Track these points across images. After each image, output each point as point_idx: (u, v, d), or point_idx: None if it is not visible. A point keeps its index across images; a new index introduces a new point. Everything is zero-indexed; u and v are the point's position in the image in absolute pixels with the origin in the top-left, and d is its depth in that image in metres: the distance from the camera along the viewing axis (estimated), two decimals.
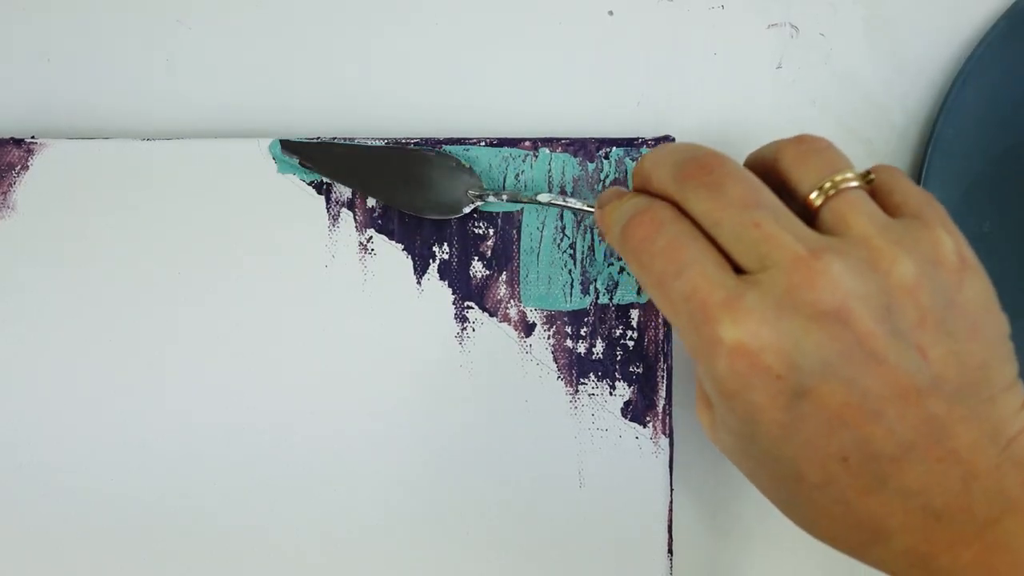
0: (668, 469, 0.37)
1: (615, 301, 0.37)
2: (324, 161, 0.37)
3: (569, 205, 0.35)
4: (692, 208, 0.28)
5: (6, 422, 0.38)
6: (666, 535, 0.37)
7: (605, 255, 0.37)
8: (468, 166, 0.37)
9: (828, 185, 0.28)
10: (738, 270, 0.27)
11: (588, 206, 0.35)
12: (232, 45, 0.41)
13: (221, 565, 0.37)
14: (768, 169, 0.29)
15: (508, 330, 0.37)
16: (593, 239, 0.37)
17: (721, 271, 0.27)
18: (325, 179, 0.37)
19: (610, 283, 0.37)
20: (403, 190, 0.37)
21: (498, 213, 0.38)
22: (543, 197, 0.36)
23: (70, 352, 0.38)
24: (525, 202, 0.36)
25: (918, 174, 0.39)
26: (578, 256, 0.37)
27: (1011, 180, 0.40)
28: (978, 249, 0.37)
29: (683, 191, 0.28)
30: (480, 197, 0.37)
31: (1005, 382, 0.27)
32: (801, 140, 0.29)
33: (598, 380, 0.37)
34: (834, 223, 0.27)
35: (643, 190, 0.30)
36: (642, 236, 0.28)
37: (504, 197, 0.36)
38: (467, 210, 0.37)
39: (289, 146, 0.37)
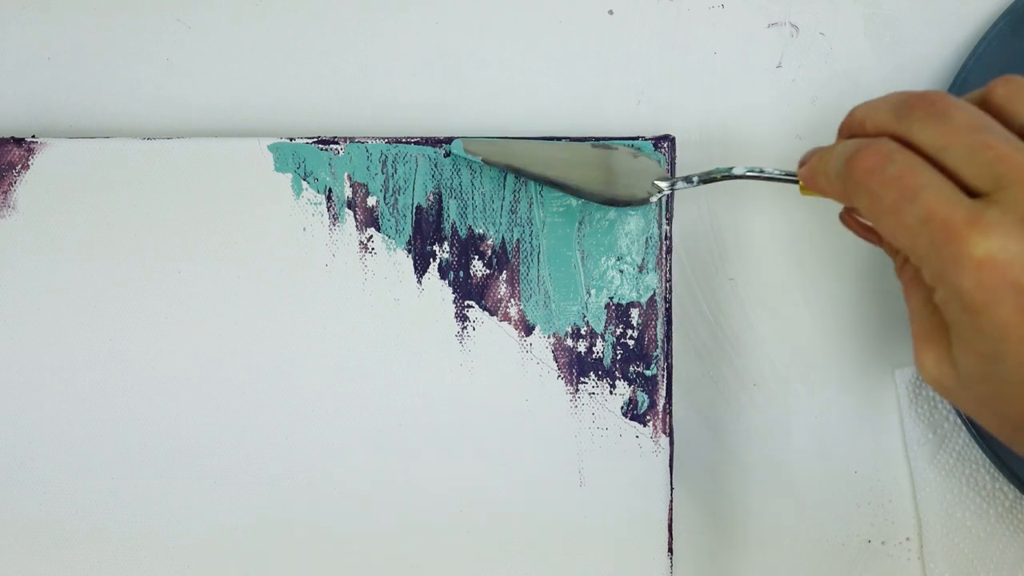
0: (668, 468, 0.37)
1: (615, 301, 0.37)
2: (507, 158, 0.37)
3: (767, 176, 0.35)
4: (917, 137, 0.29)
5: (6, 421, 0.38)
6: (666, 534, 0.37)
7: (606, 255, 0.37)
8: (651, 156, 0.37)
9: None
10: (968, 194, 0.28)
11: (786, 174, 0.34)
12: (232, 45, 0.41)
13: (221, 563, 0.37)
14: (979, 106, 0.30)
15: (508, 329, 0.37)
16: (594, 239, 0.37)
17: (956, 192, 0.27)
18: (512, 173, 0.37)
19: (610, 283, 0.37)
20: (593, 183, 0.37)
21: (500, 212, 0.38)
22: (737, 170, 0.35)
23: (70, 351, 0.38)
24: (719, 179, 0.35)
25: None
26: (578, 256, 0.37)
27: None
28: None
29: (907, 123, 0.29)
30: (670, 184, 0.36)
31: None
32: (1010, 80, 0.30)
33: (598, 379, 0.37)
34: None
35: (853, 136, 0.31)
36: (870, 167, 0.29)
37: (695, 180, 0.36)
38: (654, 199, 0.36)
39: (471, 146, 0.37)
